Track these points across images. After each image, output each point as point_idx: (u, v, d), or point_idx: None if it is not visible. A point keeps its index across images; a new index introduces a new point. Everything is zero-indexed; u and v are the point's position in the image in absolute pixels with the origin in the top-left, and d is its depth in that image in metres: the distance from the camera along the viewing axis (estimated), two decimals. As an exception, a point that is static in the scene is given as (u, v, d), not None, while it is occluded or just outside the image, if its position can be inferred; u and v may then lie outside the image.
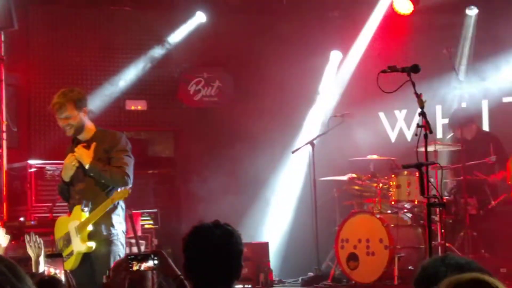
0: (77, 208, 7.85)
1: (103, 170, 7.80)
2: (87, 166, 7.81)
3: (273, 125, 13.42)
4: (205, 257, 3.92)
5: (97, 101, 12.44)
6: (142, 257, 5.00)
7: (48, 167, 11.61)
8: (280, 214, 12.70)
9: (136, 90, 13.62)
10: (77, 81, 12.64)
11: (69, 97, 7.86)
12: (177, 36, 13.46)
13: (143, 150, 13.68)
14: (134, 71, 13.27)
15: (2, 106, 11.65)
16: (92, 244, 7.71)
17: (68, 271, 5.66)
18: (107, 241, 7.81)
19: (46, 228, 10.76)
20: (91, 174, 7.83)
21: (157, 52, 13.44)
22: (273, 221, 12.60)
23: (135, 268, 4.97)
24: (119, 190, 7.74)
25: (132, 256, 5.07)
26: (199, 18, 13.34)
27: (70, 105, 7.83)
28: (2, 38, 11.73)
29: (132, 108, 13.85)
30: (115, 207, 7.88)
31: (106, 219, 7.82)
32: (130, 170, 7.87)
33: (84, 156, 7.84)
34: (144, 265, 4.96)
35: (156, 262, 4.90)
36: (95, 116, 8.61)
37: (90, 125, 8.04)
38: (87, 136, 8.00)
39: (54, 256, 5.59)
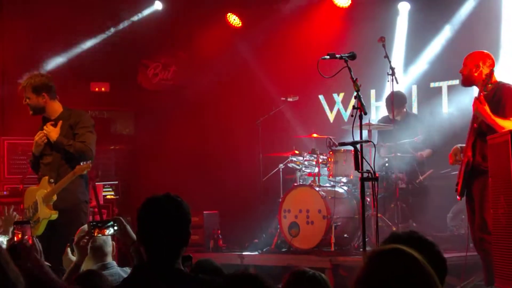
0: (44, 179, 7.99)
1: (68, 145, 7.95)
2: (53, 141, 7.99)
3: (224, 105, 13.37)
4: (156, 226, 3.86)
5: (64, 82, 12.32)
6: (103, 224, 4.98)
7: (19, 142, 11.59)
8: (229, 187, 12.65)
9: (99, 73, 13.57)
10: (45, 64, 12.46)
11: (29, 82, 8.08)
12: (137, 23, 13.37)
13: (106, 128, 13.65)
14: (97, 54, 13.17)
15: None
16: (56, 212, 7.80)
17: (35, 236, 5.52)
18: (71, 210, 7.90)
19: (17, 197, 10.71)
20: (57, 149, 7.98)
21: (118, 36, 13.34)
22: (223, 193, 12.55)
23: (97, 233, 4.96)
24: (81, 164, 7.74)
25: (94, 223, 5.05)
26: (156, 6, 13.29)
27: (28, 89, 8.07)
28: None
29: (96, 89, 13.81)
30: (78, 179, 7.92)
31: (70, 190, 7.90)
32: (92, 145, 8.06)
33: (51, 132, 8.02)
34: (105, 231, 4.94)
35: (116, 228, 4.87)
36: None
37: (56, 106, 8.22)
38: (54, 115, 8.20)
39: (22, 223, 5.48)
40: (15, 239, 5.53)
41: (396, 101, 10.43)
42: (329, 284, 3.90)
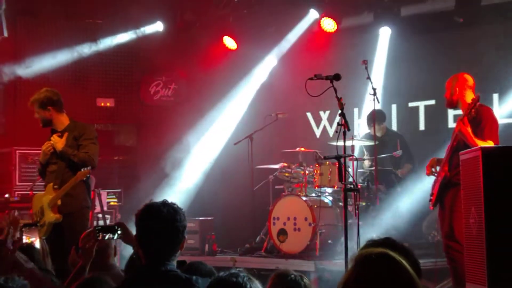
0: (49, 186, 8.08)
1: (72, 155, 8.06)
2: (58, 151, 8.08)
3: (218, 121, 13.37)
4: (153, 231, 3.84)
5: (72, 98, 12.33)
6: (108, 228, 5.01)
7: (30, 152, 11.59)
8: (224, 195, 12.62)
9: (105, 90, 13.56)
10: (55, 80, 12.43)
11: (36, 98, 8.27)
12: (139, 44, 13.38)
13: (110, 140, 13.66)
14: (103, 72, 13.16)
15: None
16: (60, 216, 7.86)
17: (43, 238, 5.51)
18: (74, 214, 7.99)
19: (27, 203, 10.67)
20: (62, 158, 8.09)
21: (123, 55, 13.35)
22: (218, 201, 12.52)
23: (102, 237, 4.96)
24: (82, 170, 7.91)
25: (99, 227, 5.04)
26: (158, 27, 13.30)
27: (36, 104, 8.24)
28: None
29: (102, 104, 13.78)
30: (81, 186, 8.08)
31: (74, 196, 8.02)
32: (94, 155, 8.17)
33: (57, 143, 8.10)
34: (109, 235, 4.94)
35: (119, 232, 4.90)
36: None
37: (63, 118, 8.36)
38: (61, 127, 8.32)
39: (31, 226, 5.48)
40: (25, 240, 5.51)
41: (375, 119, 10.47)
42: (310, 285, 3.87)
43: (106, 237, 4.94)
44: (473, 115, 7.23)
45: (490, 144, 7.06)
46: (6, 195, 10.91)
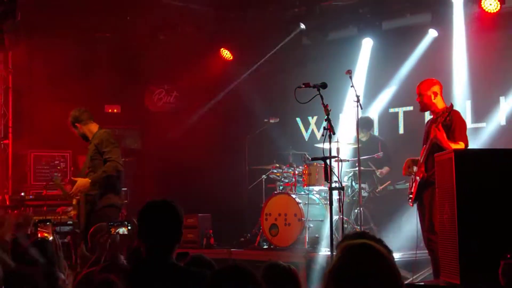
0: None
1: (101, 177, 8.02)
2: (89, 190, 8.11)
3: (216, 125, 13.36)
4: (154, 226, 3.84)
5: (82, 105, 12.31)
6: (119, 223, 5.11)
7: (44, 154, 11.59)
8: (220, 194, 12.60)
9: (112, 97, 13.55)
10: (67, 90, 12.43)
11: (68, 120, 8.49)
12: (144, 55, 13.38)
13: (117, 143, 13.59)
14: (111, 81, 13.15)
15: (10, 107, 11.61)
16: None
17: (55, 233, 5.49)
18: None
19: (41, 201, 10.66)
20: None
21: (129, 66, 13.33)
22: (215, 198, 12.50)
23: (114, 232, 5.05)
24: None
25: (111, 223, 5.15)
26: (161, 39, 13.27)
27: (69, 125, 8.51)
28: (11, 55, 11.70)
29: (109, 111, 13.78)
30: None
31: None
32: (118, 158, 8.19)
33: (80, 187, 8.08)
34: (120, 230, 5.03)
35: (129, 228, 5.01)
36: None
37: (92, 128, 8.48)
38: (90, 137, 8.44)
39: (45, 222, 5.49)
40: (39, 235, 5.49)
41: (363, 124, 10.50)
42: (297, 273, 3.93)
43: (118, 232, 5.00)
44: (447, 121, 7.25)
45: (461, 145, 7.10)
46: (22, 194, 10.90)
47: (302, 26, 12.11)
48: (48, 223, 5.44)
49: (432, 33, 11.19)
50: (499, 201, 5.73)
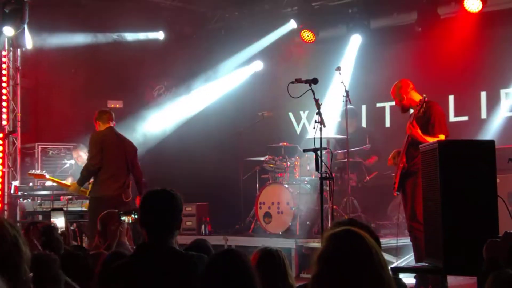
0: None
1: (80, 179, 8.89)
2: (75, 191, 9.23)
3: (213, 119, 13.34)
4: (154, 213, 3.82)
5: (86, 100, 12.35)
6: (128, 212, 5.22)
7: (50, 147, 11.58)
8: (217, 184, 12.59)
9: (115, 93, 13.51)
10: (72, 85, 12.39)
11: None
12: (144, 53, 13.34)
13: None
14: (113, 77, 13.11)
15: (18, 103, 11.61)
16: None
17: (67, 221, 5.49)
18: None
19: (47, 191, 10.63)
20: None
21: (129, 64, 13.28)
22: (212, 188, 12.48)
23: (123, 220, 5.19)
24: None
25: (121, 212, 5.26)
26: (159, 35, 13.22)
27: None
28: (19, 54, 11.66)
29: (112, 106, 13.72)
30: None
31: None
32: (90, 157, 8.80)
33: (73, 191, 9.32)
34: (128, 218, 5.15)
35: (136, 216, 5.08)
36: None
37: (102, 128, 9.00)
38: None
39: (57, 210, 5.51)
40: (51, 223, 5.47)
41: (350, 115, 10.48)
42: (285, 257, 4.04)
43: (126, 220, 5.08)
44: (421, 114, 7.23)
45: (441, 137, 7.09)
46: (30, 184, 10.88)
47: (294, 24, 12.10)
48: (61, 211, 5.44)
49: (416, 29, 11.18)
50: (481, 190, 5.74)
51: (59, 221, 5.17)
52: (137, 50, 13.37)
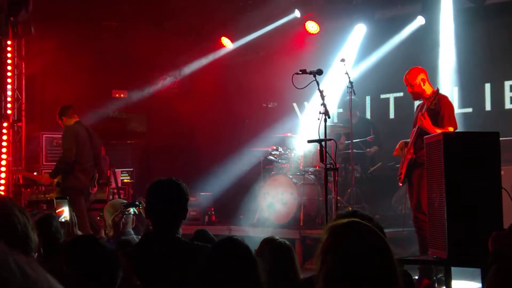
0: None
1: (54, 170, 9.21)
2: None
3: (218, 109, 13.35)
4: (160, 203, 3.82)
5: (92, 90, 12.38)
6: (131, 204, 5.30)
7: (55, 136, 11.62)
8: (221, 174, 12.60)
9: (119, 83, 13.53)
10: (77, 74, 12.39)
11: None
12: (149, 43, 13.32)
13: (124, 126, 13.66)
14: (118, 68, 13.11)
15: (23, 92, 11.64)
16: None
17: (72, 211, 5.50)
18: None
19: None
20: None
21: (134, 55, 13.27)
22: (216, 178, 12.49)
23: (127, 210, 5.23)
24: None
25: (125, 203, 5.33)
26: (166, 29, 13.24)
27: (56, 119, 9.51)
28: (23, 43, 11.67)
29: (117, 95, 13.74)
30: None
31: None
32: (65, 150, 9.20)
33: (43, 182, 9.84)
34: (132, 209, 5.19)
35: (140, 207, 5.15)
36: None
37: (68, 123, 9.37)
38: None
39: (61, 199, 5.53)
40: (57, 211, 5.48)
41: (354, 107, 10.44)
42: (291, 247, 4.01)
43: (130, 211, 5.12)
44: (433, 106, 7.22)
45: (450, 130, 7.08)
46: (35, 173, 10.91)
47: (298, 13, 12.08)
48: (65, 200, 5.46)
49: (421, 21, 11.14)
50: (485, 182, 5.73)
51: (61, 210, 5.17)
52: (143, 39, 13.37)
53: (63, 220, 5.19)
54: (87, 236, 4.17)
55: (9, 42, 11.44)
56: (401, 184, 7.66)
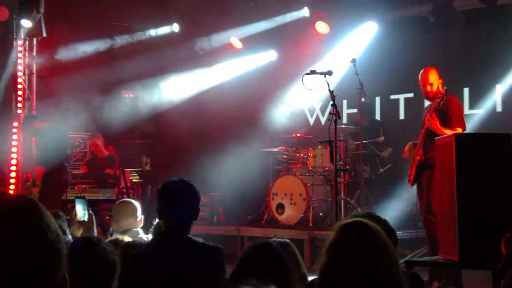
0: None
1: None
2: None
3: (228, 111, 13.31)
4: (172, 203, 3.79)
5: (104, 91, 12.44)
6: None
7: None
8: (230, 174, 12.57)
9: (129, 84, 13.54)
10: (86, 75, 12.40)
11: None
12: (156, 45, 13.35)
13: (133, 126, 13.63)
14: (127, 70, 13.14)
15: (33, 91, 11.69)
16: None
17: (90, 210, 5.50)
18: None
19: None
20: None
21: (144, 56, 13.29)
22: (225, 179, 12.47)
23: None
24: None
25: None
26: (174, 28, 13.24)
27: None
28: (35, 43, 11.70)
29: (126, 96, 13.74)
30: None
31: None
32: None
33: None
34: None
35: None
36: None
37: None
38: None
39: (80, 198, 5.53)
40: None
41: (364, 109, 10.40)
42: (294, 247, 3.76)
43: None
44: (441, 106, 7.17)
45: (459, 131, 7.03)
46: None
47: (307, 11, 12.07)
48: (83, 199, 5.46)
49: (429, 21, 11.10)
50: (497, 184, 5.70)
51: (79, 210, 5.15)
52: (151, 41, 13.39)
53: (85, 219, 5.18)
54: (87, 237, 4.17)
55: (20, 42, 11.47)
56: (411, 186, 7.63)
